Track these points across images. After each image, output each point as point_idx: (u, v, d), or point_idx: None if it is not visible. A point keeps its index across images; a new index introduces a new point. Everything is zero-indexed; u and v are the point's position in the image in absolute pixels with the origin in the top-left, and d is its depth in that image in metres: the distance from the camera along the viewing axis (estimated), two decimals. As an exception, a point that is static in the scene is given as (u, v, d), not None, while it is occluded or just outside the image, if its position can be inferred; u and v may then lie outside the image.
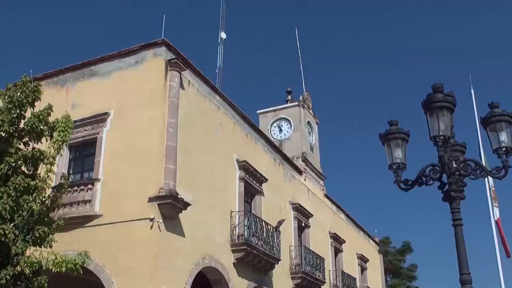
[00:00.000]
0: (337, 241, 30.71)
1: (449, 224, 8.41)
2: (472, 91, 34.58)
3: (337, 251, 30.82)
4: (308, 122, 30.16)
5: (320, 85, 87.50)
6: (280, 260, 21.40)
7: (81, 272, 12.29)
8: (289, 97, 31.01)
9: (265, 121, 29.82)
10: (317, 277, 25.02)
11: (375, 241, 40.95)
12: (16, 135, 12.73)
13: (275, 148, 24.72)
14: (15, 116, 12.71)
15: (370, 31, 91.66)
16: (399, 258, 52.50)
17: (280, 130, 29.27)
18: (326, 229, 29.72)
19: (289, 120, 29.28)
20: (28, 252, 11.97)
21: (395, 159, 8.94)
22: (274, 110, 30.15)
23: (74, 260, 11.98)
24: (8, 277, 11.37)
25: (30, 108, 13.15)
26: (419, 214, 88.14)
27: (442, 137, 8.41)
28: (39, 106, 13.29)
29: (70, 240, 15.37)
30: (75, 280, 15.77)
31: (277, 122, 29.60)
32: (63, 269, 11.80)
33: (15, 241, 11.65)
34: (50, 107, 13.06)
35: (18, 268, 11.49)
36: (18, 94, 12.84)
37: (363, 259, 35.53)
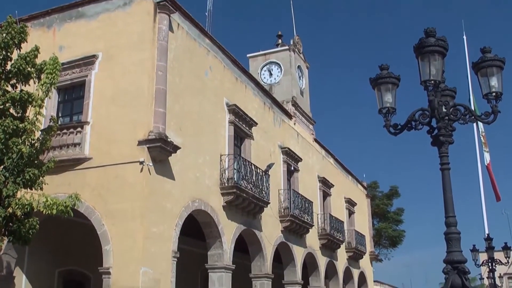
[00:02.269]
0: (326, 185, 31.08)
1: (437, 169, 8.53)
2: (464, 37, 34.53)
3: (325, 195, 31.23)
4: (299, 67, 29.96)
5: (311, 30, 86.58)
6: (269, 203, 21.66)
7: (72, 214, 12.42)
8: (280, 41, 30.66)
9: (255, 65, 29.59)
10: (306, 220, 25.41)
11: (363, 186, 41.49)
12: (3, 77, 12.60)
13: (265, 92, 24.63)
14: (1, 57, 12.56)
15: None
16: (386, 202, 53.39)
17: (270, 74, 29.09)
18: (315, 173, 30.02)
19: (279, 64, 29.06)
20: (19, 194, 12.04)
21: (385, 104, 8.95)
22: (264, 54, 29.85)
23: (65, 202, 12.08)
24: (0, 218, 11.49)
25: (16, 50, 12.99)
26: (407, 159, 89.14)
27: (432, 82, 8.41)
28: (26, 48, 13.11)
29: (61, 183, 15.47)
30: (66, 222, 15.96)
31: (267, 66, 29.38)
32: (54, 212, 11.92)
33: (6, 183, 11.71)
34: (37, 49, 12.90)
35: (10, 210, 11.59)
36: (4, 35, 12.65)
37: (351, 203, 36.06)
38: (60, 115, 17.23)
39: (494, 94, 8.38)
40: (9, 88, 12.74)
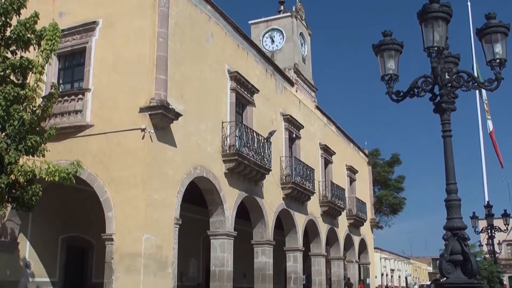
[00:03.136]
0: (327, 152, 31.12)
1: (439, 136, 8.50)
2: (469, 3, 34.16)
3: (327, 162, 31.29)
4: (301, 33, 29.72)
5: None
6: (270, 170, 21.71)
7: (74, 181, 12.43)
8: (282, 7, 30.39)
9: (257, 32, 29.35)
10: (307, 187, 25.51)
11: (364, 153, 41.55)
12: (3, 43, 12.50)
13: (267, 59, 24.47)
14: (0, 24, 12.44)
15: None
16: (388, 170, 53.61)
17: (272, 41, 28.88)
18: (317, 141, 30.03)
19: (281, 31, 28.82)
20: (21, 161, 12.06)
21: (387, 70, 8.87)
22: (266, 21, 29.59)
23: (67, 169, 12.09)
24: (3, 185, 11.53)
25: (15, 16, 12.84)
26: (409, 127, 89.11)
27: (436, 48, 8.32)
28: (25, 14, 12.96)
29: (62, 150, 15.49)
30: (69, 189, 16.04)
31: (269, 33, 29.14)
32: (56, 178, 11.94)
33: (8, 150, 11.72)
34: (36, 15, 12.76)
35: (12, 176, 11.62)
36: (3, 1, 12.49)
37: (352, 171, 36.15)
38: (61, 82, 17.16)
39: (498, 60, 8.30)
40: (9, 55, 12.66)
